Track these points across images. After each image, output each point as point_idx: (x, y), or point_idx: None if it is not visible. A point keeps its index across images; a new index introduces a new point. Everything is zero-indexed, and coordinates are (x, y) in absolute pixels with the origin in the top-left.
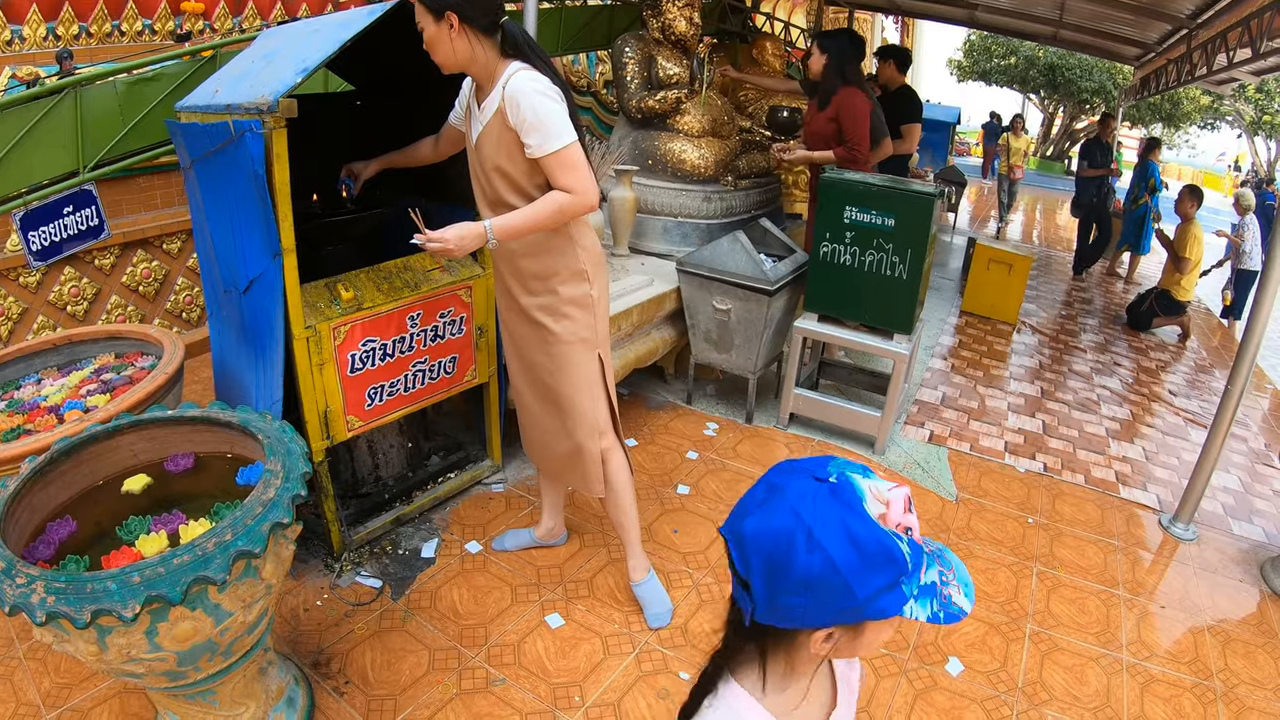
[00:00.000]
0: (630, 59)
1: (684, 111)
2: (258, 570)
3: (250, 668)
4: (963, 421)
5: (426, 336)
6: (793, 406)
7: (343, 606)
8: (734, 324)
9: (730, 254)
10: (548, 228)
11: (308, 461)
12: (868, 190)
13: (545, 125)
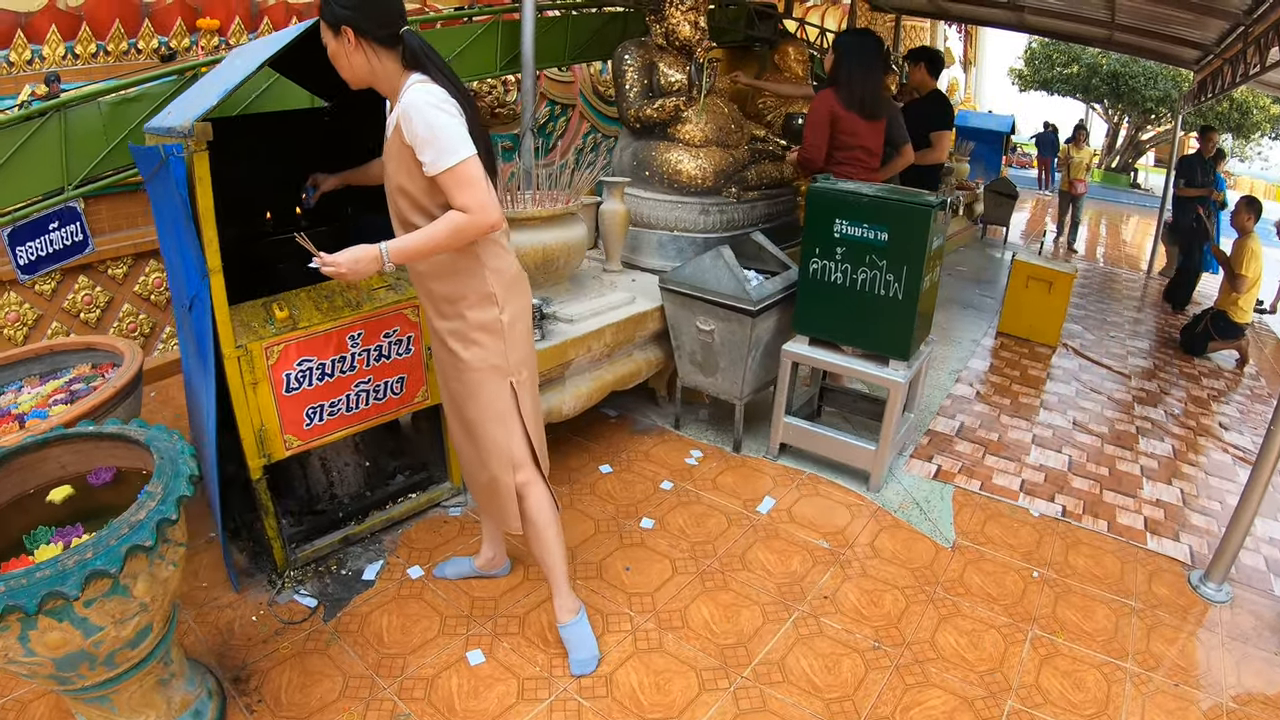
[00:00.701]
0: (629, 66)
1: (685, 120)
2: (128, 589)
3: (147, 679)
4: (977, 456)
5: (370, 356)
6: (783, 436)
7: (275, 624)
8: (718, 346)
9: (712, 271)
10: (447, 249)
11: (190, 485)
12: (858, 201)
13: (439, 140)
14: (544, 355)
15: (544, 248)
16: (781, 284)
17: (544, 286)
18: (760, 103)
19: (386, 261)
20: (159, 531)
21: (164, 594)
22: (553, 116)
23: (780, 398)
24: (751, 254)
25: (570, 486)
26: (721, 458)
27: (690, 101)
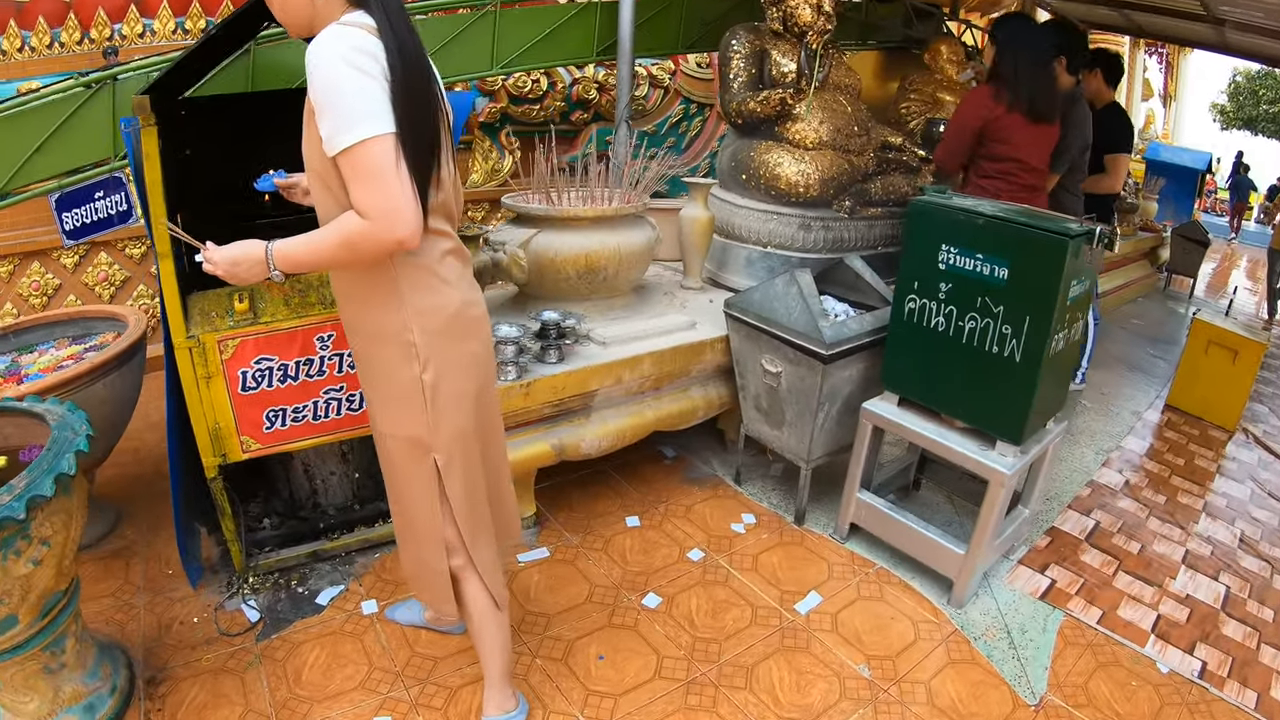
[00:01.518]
0: (736, 53)
1: (795, 117)
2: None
3: (27, 664)
4: (1106, 573)
5: (342, 361)
6: (854, 514)
7: (211, 631)
8: (784, 393)
9: (784, 298)
10: (341, 264)
11: (53, 485)
12: (973, 222)
13: (337, 107)
14: (562, 382)
15: (586, 254)
16: (872, 324)
17: (591, 300)
18: (903, 107)
19: (273, 267)
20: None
21: (24, 589)
22: (687, 116)
23: (855, 467)
24: (846, 282)
25: (583, 537)
26: (777, 529)
27: (798, 94)
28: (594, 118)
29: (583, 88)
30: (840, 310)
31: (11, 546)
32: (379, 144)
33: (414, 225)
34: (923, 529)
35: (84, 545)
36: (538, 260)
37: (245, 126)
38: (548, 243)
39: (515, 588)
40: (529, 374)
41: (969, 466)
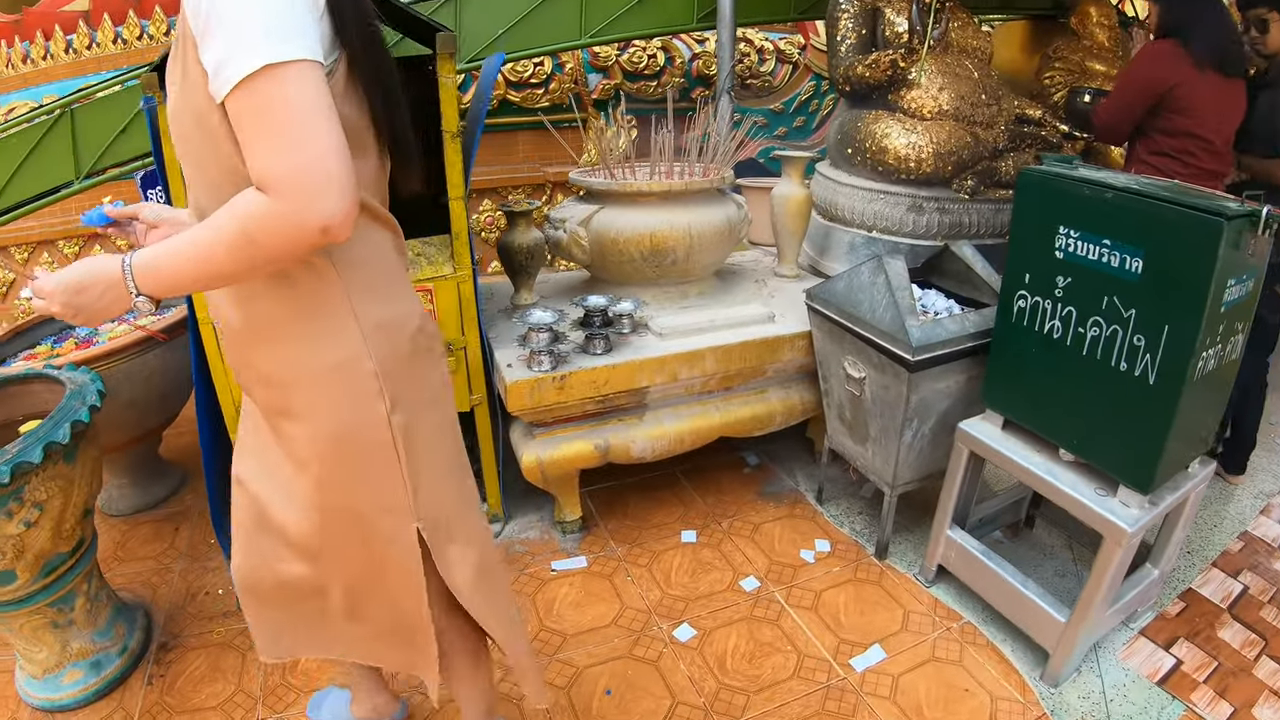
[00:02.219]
0: (844, 12)
1: (910, 83)
2: None
3: (33, 618)
4: (1249, 655)
5: None
6: (943, 555)
7: (230, 605)
8: (868, 403)
9: (868, 290)
10: (234, 274)
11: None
12: (1100, 197)
13: (230, 20)
14: (604, 376)
15: (651, 234)
16: (975, 326)
17: (660, 285)
18: (1046, 77)
19: (133, 289)
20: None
21: (18, 548)
22: (818, 93)
23: (947, 499)
24: (955, 274)
25: (628, 549)
26: (853, 561)
27: (910, 55)
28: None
29: (704, 63)
30: (942, 307)
31: (3, 507)
32: (298, 73)
33: (346, 202)
34: (1018, 584)
35: (145, 507)
36: (600, 240)
37: None
38: (609, 221)
39: (539, 598)
40: (566, 365)
41: (1080, 515)
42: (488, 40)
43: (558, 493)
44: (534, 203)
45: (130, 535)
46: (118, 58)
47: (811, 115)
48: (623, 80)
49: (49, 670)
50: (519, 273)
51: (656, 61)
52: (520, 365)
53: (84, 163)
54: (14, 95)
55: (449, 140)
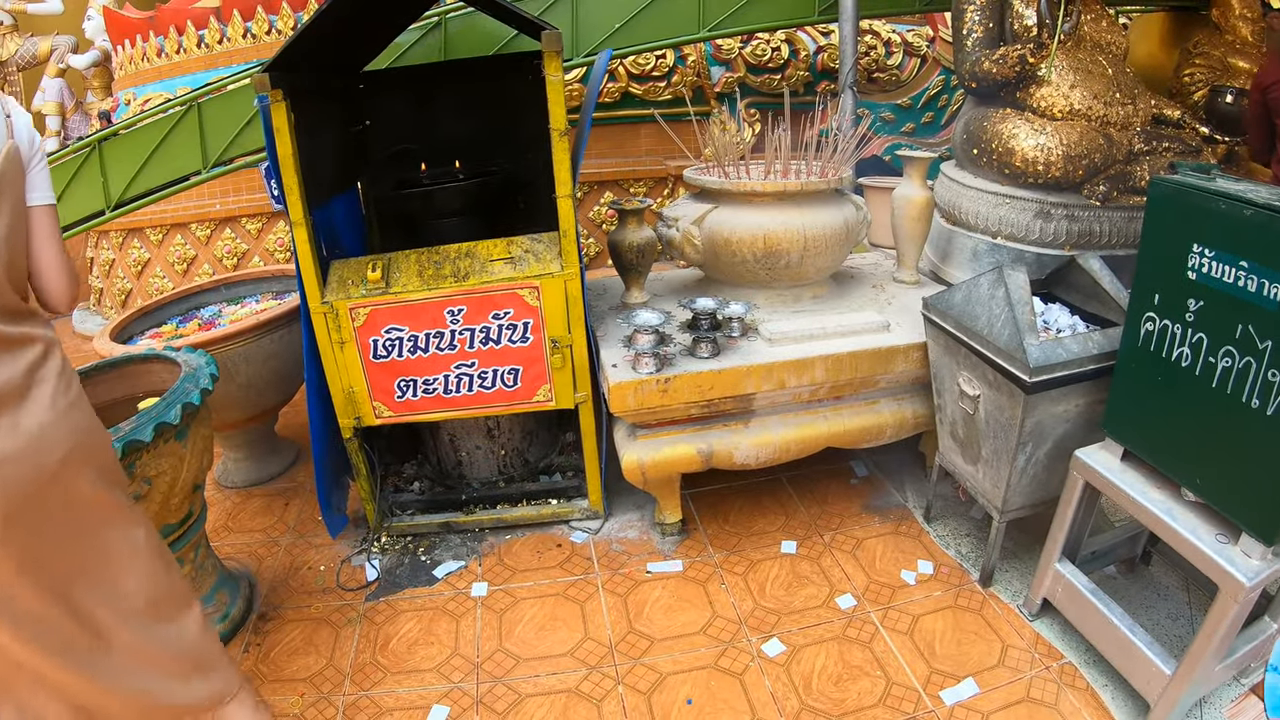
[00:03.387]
0: (970, 5)
1: (1040, 80)
2: None
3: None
4: None
5: (474, 337)
6: (1049, 589)
7: (330, 581)
8: (981, 423)
9: (987, 304)
10: None
11: (153, 431)
12: (1236, 214)
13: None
14: (709, 381)
15: (764, 235)
16: (1100, 347)
17: (773, 288)
18: (1186, 75)
19: None
20: None
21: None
22: (947, 88)
23: (1058, 530)
24: (1083, 288)
25: (725, 556)
26: (954, 586)
27: (1039, 50)
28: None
29: (829, 55)
30: (1065, 325)
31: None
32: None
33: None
34: (1126, 628)
35: (258, 481)
36: (712, 240)
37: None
38: (723, 220)
39: (631, 600)
40: (671, 368)
41: (1196, 562)
42: (605, 33)
43: (658, 494)
44: (645, 201)
45: (242, 507)
46: (247, 51)
47: (940, 111)
48: (746, 73)
49: None
50: (629, 271)
51: (780, 55)
52: (625, 366)
53: (211, 153)
54: (149, 87)
55: (556, 138)
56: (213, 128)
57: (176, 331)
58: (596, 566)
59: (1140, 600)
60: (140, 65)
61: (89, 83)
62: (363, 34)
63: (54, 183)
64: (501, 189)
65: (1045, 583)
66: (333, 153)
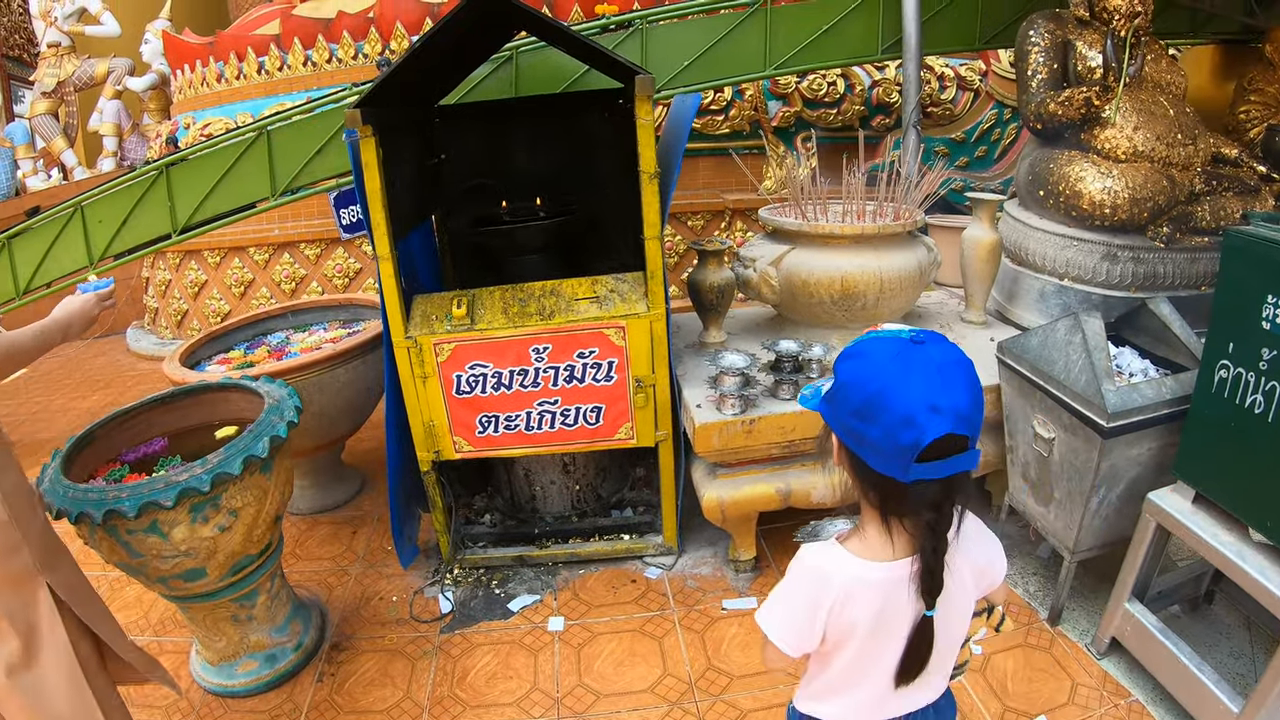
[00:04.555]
0: (1034, 46)
1: (1104, 122)
2: (165, 534)
3: (217, 610)
4: None
5: (558, 375)
6: (1117, 628)
7: (404, 612)
8: (1055, 465)
9: (1064, 348)
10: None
11: (242, 464)
12: None
13: None
14: (792, 422)
15: (842, 277)
16: (1173, 392)
17: (849, 329)
18: (1241, 112)
19: None
20: (180, 498)
21: (210, 549)
22: (1000, 121)
23: (1128, 572)
24: (1152, 331)
25: None
26: (1025, 625)
27: (1106, 93)
28: (896, 123)
29: (884, 90)
30: (1139, 369)
31: (200, 512)
32: None
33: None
34: (1194, 666)
35: (325, 509)
36: (790, 281)
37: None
38: (800, 262)
39: (708, 636)
40: (755, 409)
41: (1267, 604)
42: (673, 72)
43: (734, 532)
44: (725, 241)
45: (309, 534)
46: (308, 79)
47: (994, 145)
48: (802, 108)
49: (225, 658)
50: (709, 310)
51: (836, 89)
52: (709, 406)
53: (280, 180)
54: (208, 111)
55: (646, 181)
56: (282, 155)
57: (245, 358)
58: (672, 602)
59: (1204, 638)
60: (200, 90)
61: (145, 105)
62: (440, 68)
63: (119, 205)
64: (581, 227)
65: (1115, 622)
66: (412, 186)
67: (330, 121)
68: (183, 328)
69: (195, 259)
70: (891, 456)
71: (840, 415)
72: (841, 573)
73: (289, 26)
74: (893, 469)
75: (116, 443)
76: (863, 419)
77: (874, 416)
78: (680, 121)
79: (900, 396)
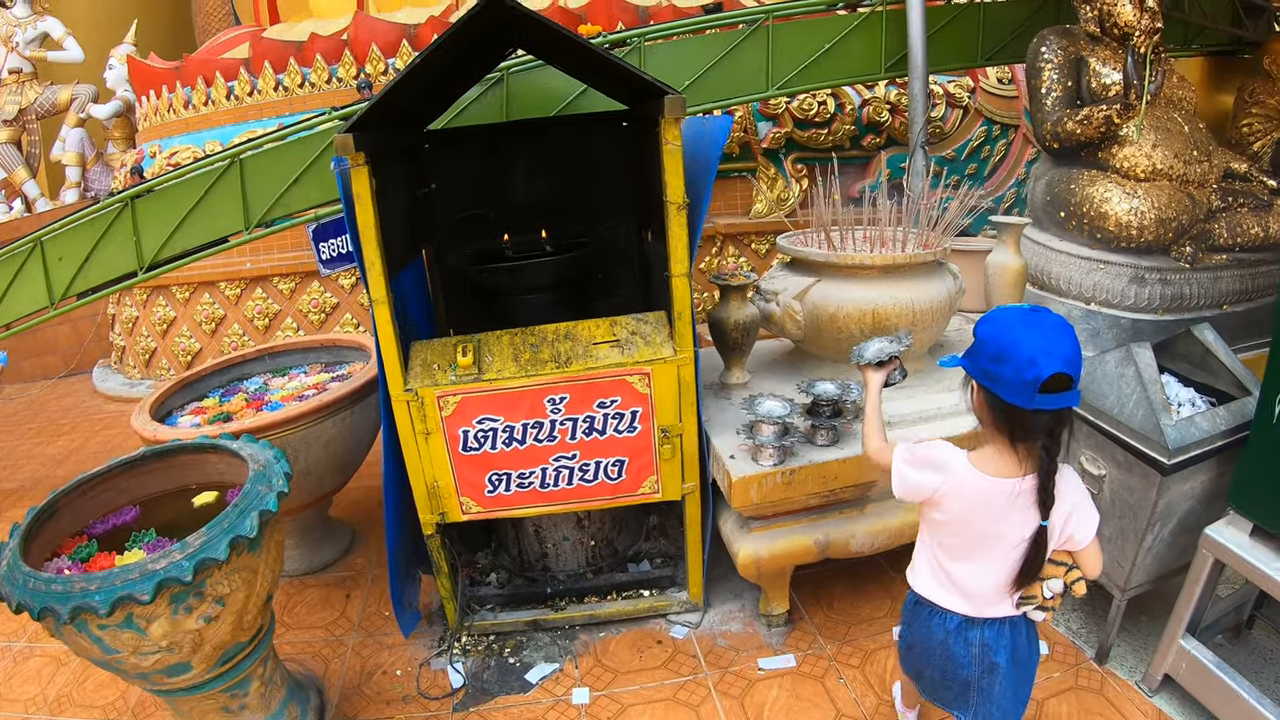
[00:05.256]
0: (1047, 63)
1: (1123, 140)
2: (141, 629)
3: (205, 702)
4: None
5: (576, 427)
6: (1172, 665)
7: (410, 688)
8: (1105, 502)
9: (1116, 381)
10: None
11: (228, 548)
12: None
13: None
14: (834, 470)
15: (874, 310)
16: (1226, 423)
17: None
18: (1244, 125)
19: None
20: (159, 589)
21: (196, 642)
22: (989, 139)
23: (1184, 608)
24: (1190, 357)
25: (838, 647)
26: (1072, 667)
27: (1127, 111)
28: (887, 142)
29: (874, 109)
30: (1186, 399)
31: (182, 603)
32: None
33: None
34: (1254, 701)
35: (315, 569)
36: (815, 315)
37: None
38: (827, 294)
39: (748, 702)
40: (794, 459)
41: None
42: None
43: (767, 586)
44: (750, 275)
45: (298, 599)
46: (279, 104)
47: (984, 162)
48: (793, 128)
49: None
50: (732, 350)
51: (826, 109)
52: (744, 457)
53: (254, 213)
54: (176, 139)
55: (674, 212)
56: (255, 185)
57: (221, 407)
58: (704, 665)
59: (1249, 665)
60: (166, 116)
61: (110, 133)
62: (430, 90)
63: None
64: (591, 263)
65: (1168, 659)
66: (403, 219)
67: (307, 148)
68: (151, 367)
69: (163, 294)
70: (1019, 389)
71: (979, 362)
72: (959, 468)
73: (259, 50)
74: (1020, 399)
75: (83, 513)
76: (997, 362)
77: (1006, 359)
78: (704, 146)
79: (1025, 344)
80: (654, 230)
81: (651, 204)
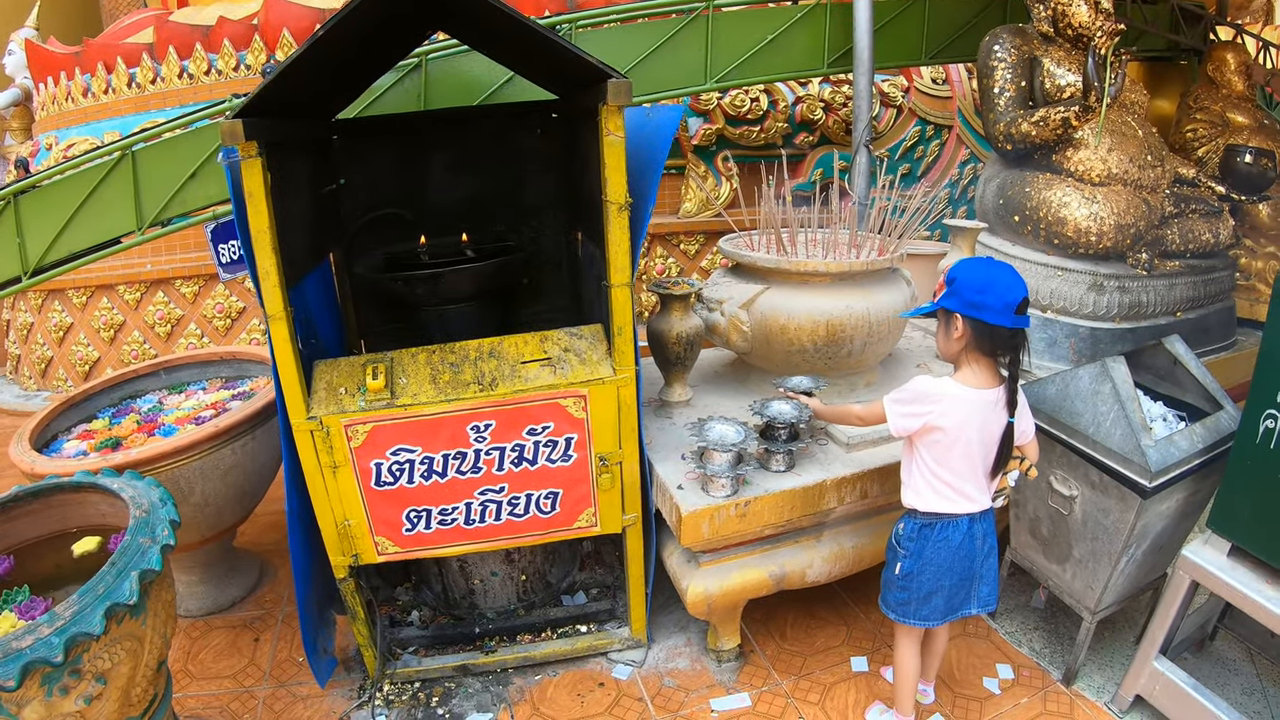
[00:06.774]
0: (1000, 62)
1: (1078, 143)
2: (13, 713)
3: None
4: None
5: (504, 457)
6: (1143, 685)
7: None
8: (1076, 524)
9: (1091, 399)
10: None
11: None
12: None
13: None
14: (789, 500)
15: (828, 322)
16: (1204, 441)
17: (829, 378)
18: (1188, 130)
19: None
20: (26, 673)
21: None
22: (923, 139)
23: (1158, 629)
24: (1159, 371)
25: (795, 681)
26: (1039, 690)
27: (1086, 113)
28: (820, 141)
29: (807, 107)
30: (1157, 414)
31: (56, 683)
32: None
33: None
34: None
35: (220, 607)
36: (764, 325)
37: (410, 150)
38: (777, 303)
39: None
40: (748, 489)
41: None
42: None
43: (717, 622)
44: (694, 283)
45: (202, 644)
46: (183, 92)
47: (916, 162)
48: (724, 125)
49: None
50: (674, 365)
51: (759, 105)
52: (692, 487)
53: (147, 211)
54: (74, 130)
55: (614, 213)
56: (149, 180)
57: (110, 431)
58: (651, 709)
59: (1214, 678)
60: (64, 106)
61: (7, 124)
62: (339, 75)
63: None
64: (518, 268)
65: (1140, 680)
66: (306, 219)
67: (207, 140)
68: (48, 377)
69: (59, 299)
70: (1002, 312)
71: (964, 296)
72: (951, 388)
73: (163, 34)
74: (1004, 320)
75: None
76: (982, 293)
77: (990, 289)
78: (650, 139)
79: (1001, 278)
80: (587, 232)
81: (583, 203)
